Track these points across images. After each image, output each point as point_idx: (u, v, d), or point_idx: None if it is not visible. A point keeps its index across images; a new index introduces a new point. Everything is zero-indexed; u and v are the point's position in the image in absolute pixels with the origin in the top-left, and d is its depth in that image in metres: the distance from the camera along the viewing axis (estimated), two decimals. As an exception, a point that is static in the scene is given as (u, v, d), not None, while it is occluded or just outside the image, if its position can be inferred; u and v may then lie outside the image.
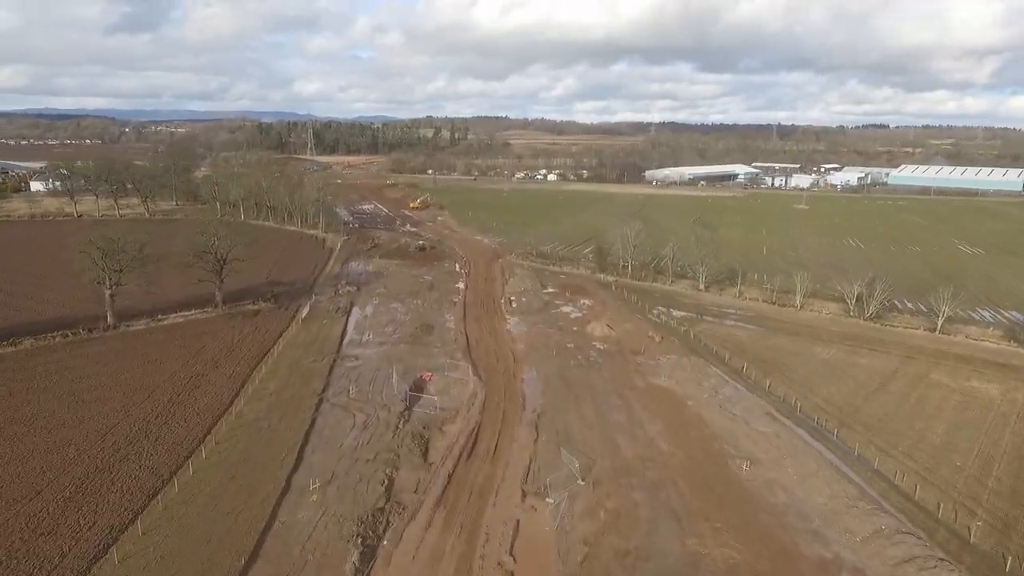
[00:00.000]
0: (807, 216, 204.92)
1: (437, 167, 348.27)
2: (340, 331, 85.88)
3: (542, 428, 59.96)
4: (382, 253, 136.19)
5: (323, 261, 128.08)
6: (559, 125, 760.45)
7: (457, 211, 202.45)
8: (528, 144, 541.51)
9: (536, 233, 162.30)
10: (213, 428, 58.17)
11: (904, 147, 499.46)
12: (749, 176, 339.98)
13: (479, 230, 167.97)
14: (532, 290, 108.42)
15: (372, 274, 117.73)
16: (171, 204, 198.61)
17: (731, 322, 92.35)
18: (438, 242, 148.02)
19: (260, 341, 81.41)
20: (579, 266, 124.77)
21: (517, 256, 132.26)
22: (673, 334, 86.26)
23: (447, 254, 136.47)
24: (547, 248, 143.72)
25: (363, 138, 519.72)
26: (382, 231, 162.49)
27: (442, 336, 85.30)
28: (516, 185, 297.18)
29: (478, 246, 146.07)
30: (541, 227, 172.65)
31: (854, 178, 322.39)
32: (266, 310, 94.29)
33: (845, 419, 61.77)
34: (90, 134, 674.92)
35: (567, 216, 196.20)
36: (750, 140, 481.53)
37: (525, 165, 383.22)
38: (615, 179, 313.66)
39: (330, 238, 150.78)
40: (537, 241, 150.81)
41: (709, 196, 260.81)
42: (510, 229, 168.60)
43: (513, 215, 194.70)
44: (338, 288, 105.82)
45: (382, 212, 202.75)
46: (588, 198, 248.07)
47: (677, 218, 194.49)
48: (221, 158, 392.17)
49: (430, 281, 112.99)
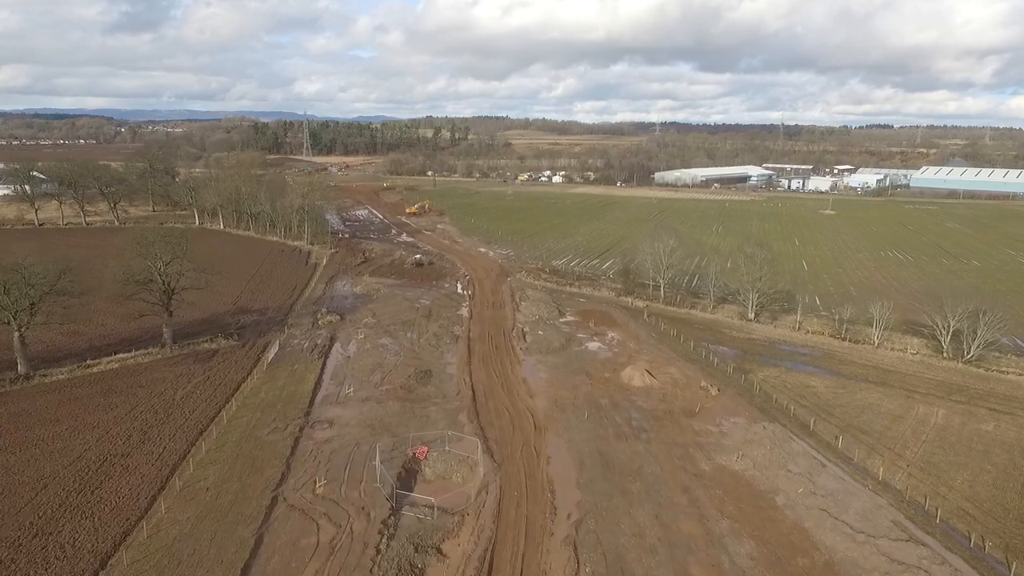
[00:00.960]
0: (837, 223, 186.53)
1: (437, 168, 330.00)
2: (314, 381, 67.52)
3: (583, 549, 41.68)
4: (373, 269, 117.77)
5: (305, 280, 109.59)
6: (561, 125, 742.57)
7: (458, 217, 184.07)
8: (530, 144, 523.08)
9: (547, 244, 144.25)
10: (109, 561, 39.78)
11: (916, 147, 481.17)
12: (762, 178, 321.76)
13: (483, 240, 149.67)
14: (548, 319, 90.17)
15: (360, 297, 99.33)
16: (148, 210, 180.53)
17: (798, 365, 74.03)
18: (437, 256, 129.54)
19: (210, 397, 63.01)
20: (600, 287, 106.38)
21: (528, 274, 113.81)
22: (731, 384, 68.01)
23: (447, 271, 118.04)
24: (561, 263, 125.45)
25: (361, 138, 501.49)
26: (375, 242, 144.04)
27: (442, 387, 67.01)
28: (520, 188, 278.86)
29: (482, 260, 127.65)
30: (551, 237, 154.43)
31: (872, 180, 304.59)
32: (226, 349, 75.90)
33: (1007, 534, 43.55)
34: (85, 134, 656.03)
35: (579, 223, 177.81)
36: (758, 140, 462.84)
37: (528, 166, 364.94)
38: (624, 181, 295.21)
39: (316, 251, 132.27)
40: (549, 254, 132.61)
41: (726, 200, 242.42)
42: (517, 239, 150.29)
43: (519, 222, 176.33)
44: (318, 317, 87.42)
45: (376, 219, 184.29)
46: (598, 202, 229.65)
47: (699, 226, 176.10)
48: (213, 159, 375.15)
49: (428, 306, 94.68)
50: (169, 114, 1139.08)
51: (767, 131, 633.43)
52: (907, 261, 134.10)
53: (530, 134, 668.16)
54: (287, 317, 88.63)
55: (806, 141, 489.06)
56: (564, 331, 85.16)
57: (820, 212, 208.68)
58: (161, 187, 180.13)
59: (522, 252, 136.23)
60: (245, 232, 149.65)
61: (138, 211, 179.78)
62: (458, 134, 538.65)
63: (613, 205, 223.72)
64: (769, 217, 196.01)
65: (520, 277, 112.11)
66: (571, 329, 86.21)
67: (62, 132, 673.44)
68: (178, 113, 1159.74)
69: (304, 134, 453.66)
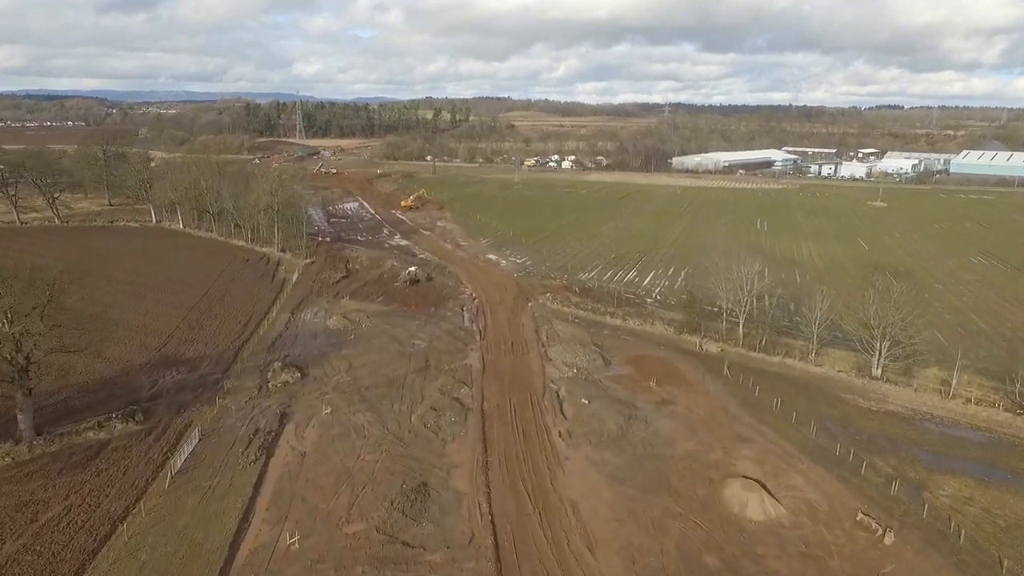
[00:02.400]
0: (895, 218, 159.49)
1: (437, 153, 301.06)
2: (239, 513, 41.35)
3: None
4: (356, 288, 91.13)
5: (265, 306, 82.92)
6: (564, 106, 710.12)
7: (461, 211, 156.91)
8: (533, 126, 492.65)
9: (568, 248, 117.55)
10: None
11: (943, 129, 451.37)
12: (787, 162, 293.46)
13: (491, 242, 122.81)
14: (591, 371, 64.03)
15: (334, 336, 72.84)
16: (104, 204, 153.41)
17: (992, 472, 47.76)
18: (437, 268, 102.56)
19: (57, 555, 37.00)
20: (650, 317, 79.56)
21: (552, 296, 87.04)
22: (905, 514, 42.00)
23: (450, 290, 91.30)
24: (590, 276, 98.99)
25: (358, 120, 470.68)
26: (362, 247, 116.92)
27: (444, 522, 40.98)
28: (528, 174, 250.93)
29: (493, 274, 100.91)
30: (572, 237, 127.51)
31: (907, 165, 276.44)
32: (121, 440, 49.66)
33: None
34: (75, 116, 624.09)
35: (600, 218, 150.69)
36: (774, 122, 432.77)
37: (534, 150, 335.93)
38: (639, 167, 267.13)
39: (287, 261, 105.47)
40: (573, 263, 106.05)
41: (758, 188, 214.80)
42: (532, 240, 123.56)
43: (532, 217, 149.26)
44: (269, 376, 60.97)
45: (367, 215, 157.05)
46: (616, 191, 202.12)
47: (739, 221, 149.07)
48: (199, 142, 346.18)
49: (424, 351, 68.33)
50: (166, 95, 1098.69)
51: (779, 112, 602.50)
52: (1010, 272, 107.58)
53: (532, 115, 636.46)
54: (227, 373, 62.25)
55: (824, 123, 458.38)
56: (617, 395, 58.99)
57: (869, 204, 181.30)
58: (118, 178, 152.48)
59: (540, 260, 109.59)
60: (207, 234, 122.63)
61: (91, 205, 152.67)
62: (459, 115, 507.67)
63: (634, 194, 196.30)
64: (814, 211, 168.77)
65: (544, 301, 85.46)
66: (626, 391, 60.00)
67: (51, 114, 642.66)
68: (175, 95, 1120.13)
69: (297, 115, 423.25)
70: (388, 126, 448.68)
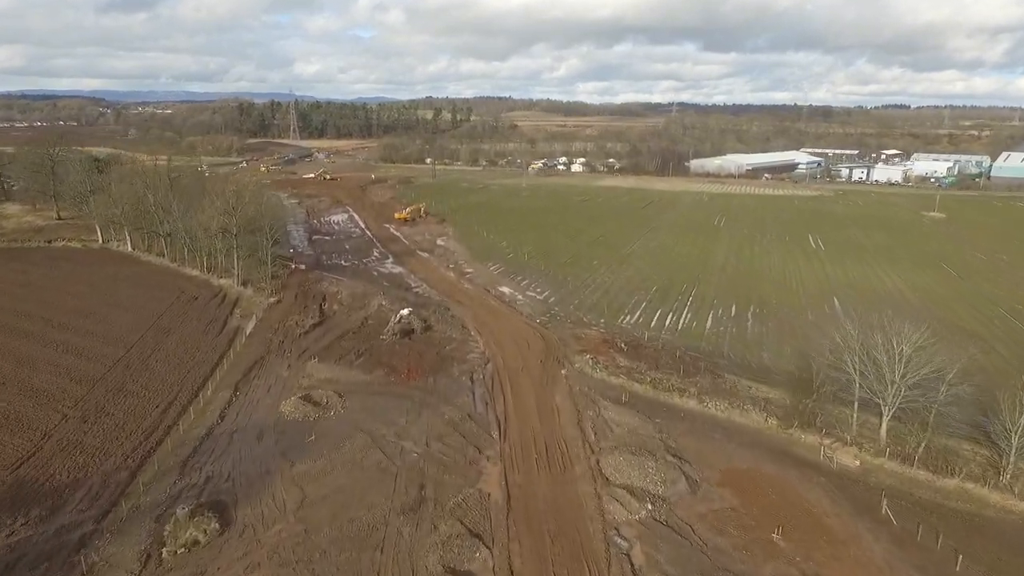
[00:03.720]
0: (964, 233, 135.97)
1: (437, 155, 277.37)
2: None
3: None
4: (330, 343, 67.53)
5: (200, 378, 59.14)
6: (566, 106, 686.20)
7: (464, 226, 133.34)
8: (537, 126, 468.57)
9: (599, 277, 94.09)
10: None
11: (967, 129, 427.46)
12: (811, 165, 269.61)
13: (503, 270, 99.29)
14: (671, 506, 40.76)
15: (287, 434, 49.23)
16: (51, 217, 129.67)
17: None
18: (437, 307, 78.52)
19: None
20: (736, 396, 55.93)
21: (593, 357, 63.09)
22: None
23: (454, 346, 67.49)
24: (633, 319, 75.69)
25: (355, 120, 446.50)
26: (345, 277, 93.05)
27: None
28: (535, 179, 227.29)
29: (509, 317, 77.10)
30: (600, 261, 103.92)
31: (942, 168, 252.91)
32: None
33: None
34: (67, 116, 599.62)
35: (627, 234, 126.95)
36: (788, 122, 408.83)
37: (540, 151, 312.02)
38: (656, 170, 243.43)
39: (247, 300, 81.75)
40: (610, 302, 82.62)
41: (792, 196, 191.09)
42: (552, 266, 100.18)
43: (547, 233, 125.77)
44: (167, 531, 37.16)
45: (356, 229, 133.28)
46: (636, 199, 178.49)
47: (789, 239, 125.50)
48: (186, 143, 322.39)
49: (416, 465, 44.86)
50: (166, 95, 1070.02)
51: (782, 111, 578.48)
52: None
53: (535, 115, 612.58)
54: (102, 523, 38.67)
55: (840, 123, 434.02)
56: (724, 562, 35.64)
57: (925, 215, 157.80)
58: (69, 186, 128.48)
59: (566, 295, 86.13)
60: (158, 259, 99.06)
61: (36, 219, 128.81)
62: (460, 115, 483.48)
63: (656, 203, 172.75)
64: (868, 224, 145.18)
65: (582, 366, 61.82)
66: (737, 553, 36.63)
67: (43, 114, 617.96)
68: (175, 95, 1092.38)
69: (291, 115, 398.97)
70: (387, 126, 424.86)
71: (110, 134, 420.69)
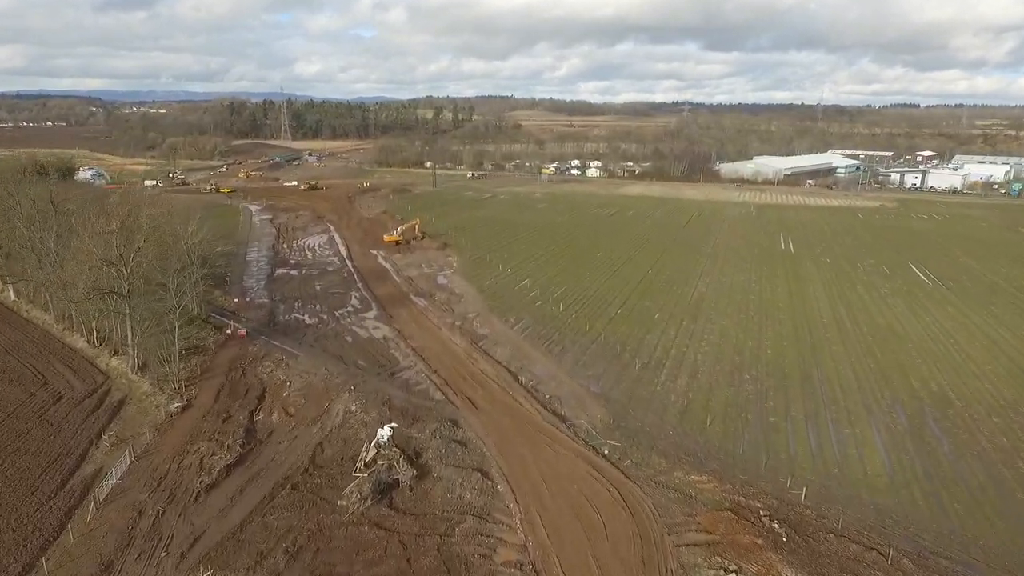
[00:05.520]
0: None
1: (438, 157, 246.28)
2: None
3: None
4: (239, 524, 36.53)
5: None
6: (570, 105, 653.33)
7: (472, 251, 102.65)
8: (542, 126, 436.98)
9: (680, 353, 61.72)
10: None
11: (1003, 130, 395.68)
12: (850, 169, 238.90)
13: (532, 330, 68.04)
14: None
15: None
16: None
17: None
18: (439, 422, 47.65)
19: None
20: None
21: (727, 565, 32.88)
22: None
23: (468, 525, 36.61)
24: (757, 441, 44.26)
25: (352, 120, 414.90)
26: (302, 352, 62.13)
27: None
28: (549, 186, 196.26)
29: (556, 444, 46.17)
30: (666, 319, 72.03)
31: (998, 173, 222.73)
32: None
33: None
34: (55, 116, 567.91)
35: (683, 266, 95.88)
36: (810, 122, 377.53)
37: (549, 153, 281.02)
38: (682, 175, 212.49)
39: (138, 402, 50.75)
40: (702, 393, 51.06)
41: (851, 207, 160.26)
42: (598, 321, 69.15)
43: (579, 263, 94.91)
44: None
45: (334, 258, 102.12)
46: (671, 212, 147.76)
47: (890, 270, 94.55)
48: (167, 145, 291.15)
49: None
50: (166, 95, 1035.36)
51: (784, 111, 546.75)
52: None
53: (538, 115, 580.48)
54: None
55: (866, 123, 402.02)
56: None
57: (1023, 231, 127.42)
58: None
59: (633, 383, 55.31)
60: (42, 315, 68.17)
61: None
62: (461, 115, 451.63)
63: (696, 218, 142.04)
64: (968, 247, 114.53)
65: (718, 595, 31.29)
66: None
67: (32, 114, 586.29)
68: (175, 95, 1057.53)
69: (282, 115, 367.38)
70: (385, 126, 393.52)
71: (94, 135, 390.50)
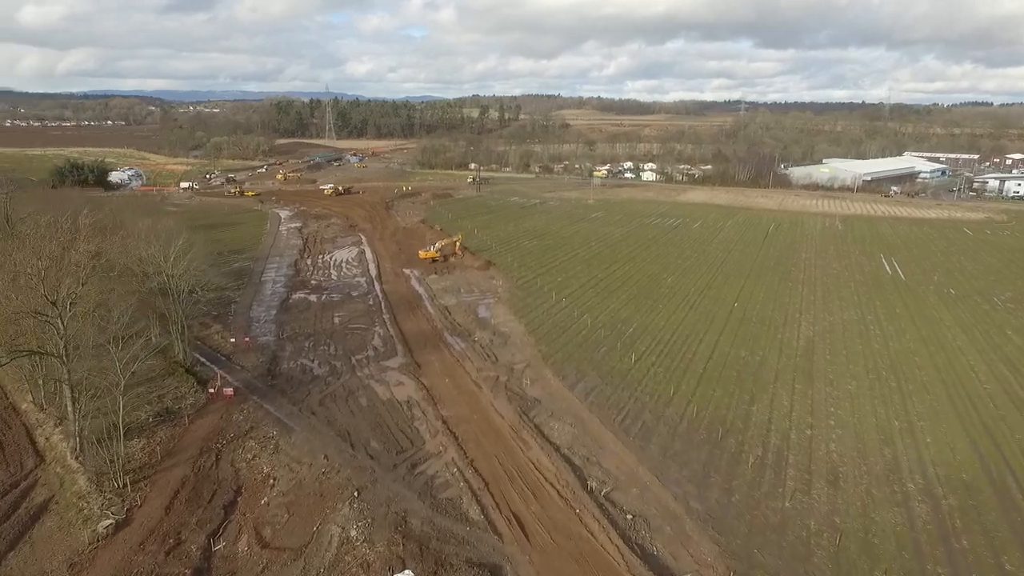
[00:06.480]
0: None
1: (483, 159, 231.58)
2: None
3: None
4: None
5: None
6: (619, 104, 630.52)
7: (520, 274, 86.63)
8: (590, 125, 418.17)
9: (790, 431, 43.20)
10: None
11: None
12: (936, 174, 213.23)
13: (599, 397, 51.36)
14: None
15: None
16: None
17: None
18: (476, 571, 32.46)
19: None
20: None
21: None
22: None
23: None
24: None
25: (397, 119, 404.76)
26: (298, 426, 47.46)
27: None
28: (602, 191, 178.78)
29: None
30: (772, 375, 54.19)
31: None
32: None
33: None
34: (115, 115, 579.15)
35: (777, 299, 77.44)
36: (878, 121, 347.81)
37: (600, 155, 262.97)
38: (748, 180, 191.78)
39: (65, 508, 36.65)
40: (857, 532, 32.75)
41: (955, 220, 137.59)
42: (686, 384, 51.57)
43: (649, 293, 77.62)
44: None
45: (361, 279, 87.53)
46: (746, 224, 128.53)
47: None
48: (211, 144, 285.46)
49: None
50: (224, 95, 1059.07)
51: (839, 109, 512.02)
52: None
53: (585, 114, 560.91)
54: None
55: (943, 123, 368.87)
56: None
57: None
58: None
59: (749, 502, 38.57)
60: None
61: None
62: (508, 114, 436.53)
63: (773, 232, 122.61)
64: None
65: None
66: None
67: (94, 113, 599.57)
68: (231, 94, 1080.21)
69: (327, 114, 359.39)
70: (429, 125, 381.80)
71: (148, 134, 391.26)
